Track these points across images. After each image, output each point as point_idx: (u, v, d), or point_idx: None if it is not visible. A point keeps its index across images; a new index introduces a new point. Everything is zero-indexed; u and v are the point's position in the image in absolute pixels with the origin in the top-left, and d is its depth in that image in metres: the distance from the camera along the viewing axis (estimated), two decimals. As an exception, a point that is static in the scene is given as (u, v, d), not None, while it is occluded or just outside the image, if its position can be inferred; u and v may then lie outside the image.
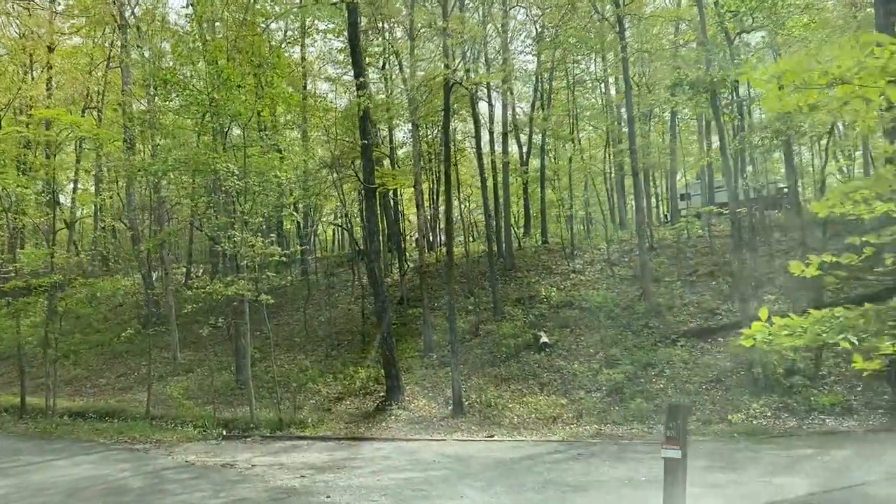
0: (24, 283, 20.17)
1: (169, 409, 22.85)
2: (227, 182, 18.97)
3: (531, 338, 24.77)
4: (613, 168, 37.67)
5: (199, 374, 27.24)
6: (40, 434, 18.58)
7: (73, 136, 21.05)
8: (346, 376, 24.87)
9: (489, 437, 16.94)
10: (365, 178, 21.20)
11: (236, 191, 19.18)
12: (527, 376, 22.44)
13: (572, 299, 27.41)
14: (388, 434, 17.85)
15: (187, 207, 27.02)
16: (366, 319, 28.54)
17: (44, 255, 20.63)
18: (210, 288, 18.49)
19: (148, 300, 28.36)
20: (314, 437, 17.43)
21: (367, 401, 22.56)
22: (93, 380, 27.86)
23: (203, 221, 34.06)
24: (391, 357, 21.23)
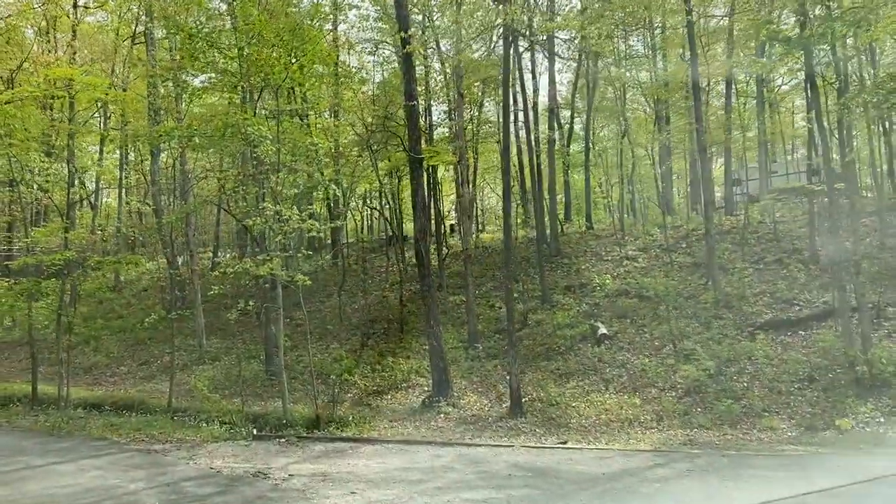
0: (36, 260, 17.61)
1: (193, 402, 20.26)
2: (259, 148, 16.25)
3: (588, 329, 21.94)
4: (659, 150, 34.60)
5: (225, 363, 24.65)
6: (49, 429, 16.00)
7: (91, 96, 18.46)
8: (384, 368, 22.16)
9: (561, 443, 14.09)
10: (410, 146, 18.41)
11: (269, 159, 16.45)
12: (587, 371, 19.62)
13: (628, 287, 24.50)
14: (442, 436, 15.06)
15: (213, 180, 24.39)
16: (403, 306, 25.79)
17: (58, 229, 18.01)
18: (240, 268, 15.76)
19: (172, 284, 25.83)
20: (358, 439, 14.65)
21: (411, 395, 19.83)
22: (113, 367, 25.35)
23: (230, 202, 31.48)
24: (439, 348, 18.46)
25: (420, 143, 18.66)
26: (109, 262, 19.46)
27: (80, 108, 22.38)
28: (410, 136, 18.52)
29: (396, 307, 26.93)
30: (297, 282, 16.37)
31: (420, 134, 19.05)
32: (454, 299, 26.35)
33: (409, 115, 18.18)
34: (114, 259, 20.81)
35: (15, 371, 25.87)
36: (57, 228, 17.98)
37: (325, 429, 15.79)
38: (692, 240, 27.84)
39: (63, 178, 21.02)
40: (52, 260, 17.38)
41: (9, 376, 25.06)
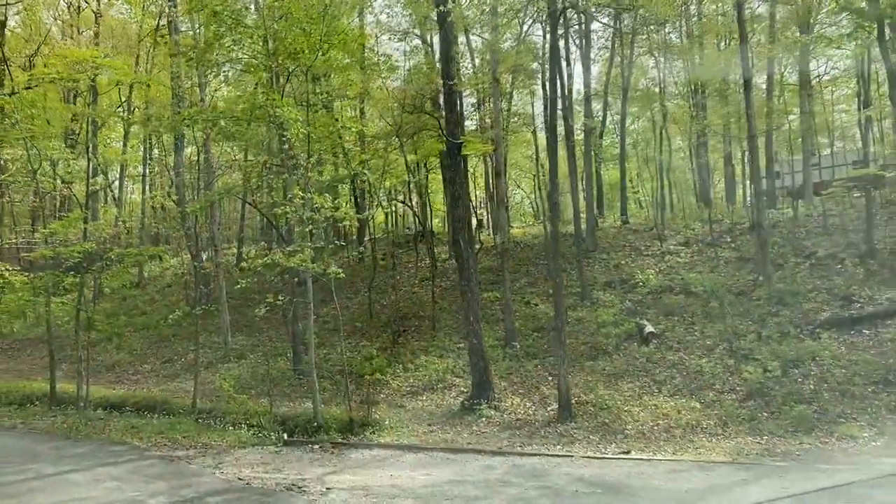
0: (54, 252, 16.36)
1: (218, 402, 18.94)
2: (289, 131, 14.87)
3: (633, 327, 20.38)
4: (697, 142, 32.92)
5: (251, 362, 23.34)
6: (66, 432, 14.71)
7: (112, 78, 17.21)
8: (417, 367, 20.73)
9: (623, 452, 12.55)
10: (448, 130, 16.94)
11: (299, 143, 15.06)
12: (636, 372, 18.06)
13: (672, 283, 22.90)
14: (489, 443, 13.57)
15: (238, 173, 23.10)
16: (435, 303, 24.34)
17: (77, 219, 16.73)
18: (268, 259, 14.38)
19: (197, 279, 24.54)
20: (398, 446, 13.18)
21: (447, 397, 18.37)
22: (136, 365, 24.12)
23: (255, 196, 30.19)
24: (479, 346, 16.98)
25: (458, 127, 17.21)
26: (131, 255, 18.18)
27: (102, 93, 20.97)
28: (448, 120, 17.07)
29: (427, 304, 25.49)
30: (330, 275, 14.95)
31: (459, 118, 17.57)
32: (487, 296, 24.80)
33: (447, 97, 16.74)
34: (136, 251, 19.53)
35: (36, 369, 24.74)
36: (76, 219, 16.69)
37: (361, 433, 14.35)
38: (736, 233, 26.18)
39: (84, 170, 19.75)
40: (70, 252, 16.12)
41: (30, 374, 23.92)
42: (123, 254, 17.80)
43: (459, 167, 17.19)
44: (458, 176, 17.02)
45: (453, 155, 16.98)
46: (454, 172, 16.92)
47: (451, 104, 16.76)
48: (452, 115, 16.90)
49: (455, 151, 16.97)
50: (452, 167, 16.90)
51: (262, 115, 15.48)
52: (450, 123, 16.96)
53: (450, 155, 17.07)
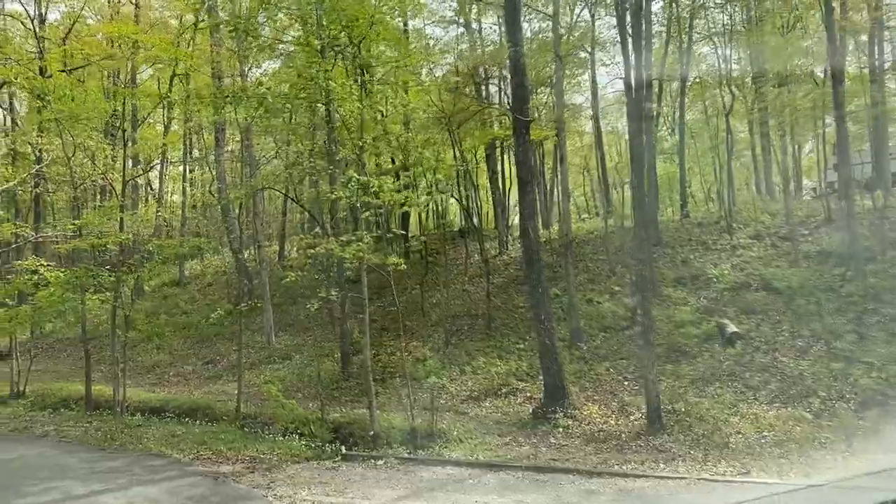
0: (88, 244, 14.73)
1: (263, 406, 17.17)
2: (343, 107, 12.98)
3: (714, 326, 18.16)
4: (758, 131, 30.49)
5: (297, 363, 21.55)
6: (101, 441, 12.97)
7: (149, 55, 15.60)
8: (475, 369, 18.74)
9: (742, 473, 10.39)
10: (516, 106, 14.93)
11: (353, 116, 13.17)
12: (723, 376, 15.85)
13: (749, 280, 20.59)
14: (575, 459, 11.49)
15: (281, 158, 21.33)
16: (490, 300, 22.30)
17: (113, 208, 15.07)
18: (322, 248, 12.49)
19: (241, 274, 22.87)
20: (473, 463, 11.15)
21: (513, 403, 16.31)
22: (177, 366, 22.47)
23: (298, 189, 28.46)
24: (552, 347, 14.89)
25: (527, 102, 15.19)
26: (171, 247, 16.43)
27: (142, 91, 19.38)
28: (515, 95, 15.04)
29: (480, 302, 23.48)
30: (389, 265, 13.02)
31: (527, 92, 15.52)
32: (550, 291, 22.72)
33: (514, 69, 14.70)
34: (176, 242, 17.81)
35: (75, 370, 23.22)
36: (112, 207, 15.03)
37: (428, 447, 12.37)
38: (812, 226, 23.74)
39: (122, 158, 18.09)
40: (104, 243, 14.47)
41: (69, 375, 22.40)
42: (162, 245, 16.09)
43: (528, 148, 15.15)
44: (528, 157, 14.99)
45: (521, 134, 14.94)
46: (523, 154, 14.87)
47: (519, 77, 14.72)
48: (520, 88, 14.86)
49: (523, 130, 14.93)
50: (521, 147, 14.85)
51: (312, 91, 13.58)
52: (516, 98, 14.94)
53: (517, 134, 15.03)
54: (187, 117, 27.96)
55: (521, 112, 14.88)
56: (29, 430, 13.90)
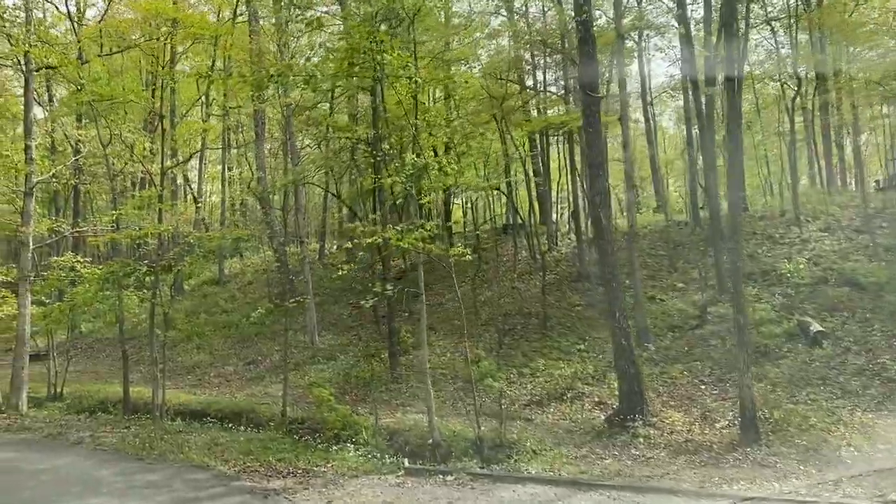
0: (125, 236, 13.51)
1: (309, 410, 15.80)
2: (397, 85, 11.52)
3: (795, 325, 16.37)
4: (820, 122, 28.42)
5: (342, 363, 20.13)
6: (139, 449, 11.64)
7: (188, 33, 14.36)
8: (534, 372, 17.15)
9: (879, 497, 8.65)
10: (584, 81, 13.33)
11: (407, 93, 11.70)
12: (814, 380, 14.12)
13: (827, 275, 18.71)
14: (671, 475, 9.83)
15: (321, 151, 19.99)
16: (545, 298, 20.67)
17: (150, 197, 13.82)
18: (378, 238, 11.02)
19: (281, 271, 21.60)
20: (558, 481, 9.52)
21: (582, 409, 14.67)
22: (218, 367, 21.22)
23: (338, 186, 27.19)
24: (628, 348, 13.22)
25: (597, 77, 13.58)
26: (211, 239, 15.16)
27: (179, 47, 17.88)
28: (583, 72, 13.43)
29: (531, 299, 21.91)
30: (452, 256, 11.51)
31: (596, 66, 13.90)
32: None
33: (582, 38, 13.08)
34: (217, 234, 16.54)
35: (113, 370, 22.09)
36: (149, 196, 13.78)
37: (500, 460, 10.80)
38: (889, 218, 21.74)
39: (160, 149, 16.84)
40: (143, 235, 13.23)
41: (107, 376, 21.28)
42: (203, 237, 14.82)
43: (599, 128, 13.53)
44: (599, 138, 13.38)
45: (591, 113, 13.32)
46: (594, 134, 13.25)
47: (588, 47, 13.08)
48: (589, 61, 13.23)
49: (593, 108, 13.32)
50: (591, 128, 13.22)
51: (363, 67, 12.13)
52: (586, 73, 13.32)
53: (587, 113, 13.40)
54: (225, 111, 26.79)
55: (590, 88, 13.28)
56: (63, 437, 12.69)
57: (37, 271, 17.35)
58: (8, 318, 17.34)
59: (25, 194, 15.11)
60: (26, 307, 15.08)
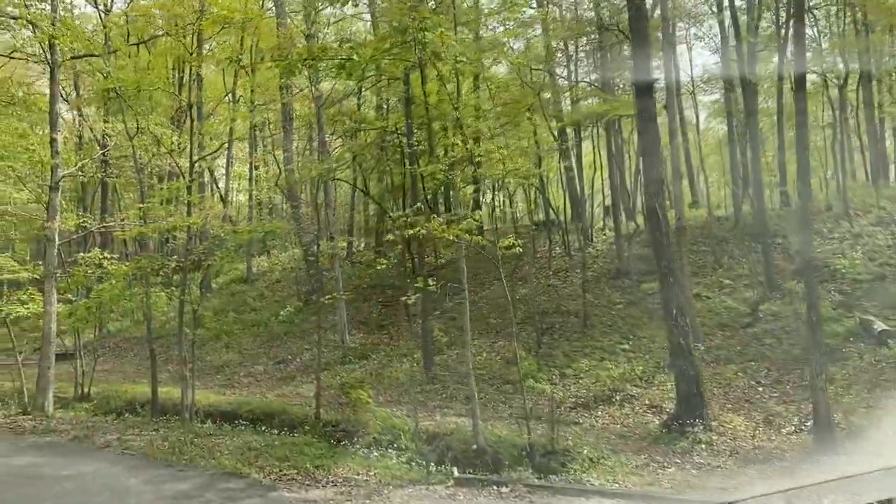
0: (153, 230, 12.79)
1: (343, 411, 14.97)
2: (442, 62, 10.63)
3: (857, 324, 15.24)
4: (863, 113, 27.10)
5: (374, 363, 19.31)
6: (168, 454, 10.87)
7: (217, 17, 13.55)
8: (577, 373, 16.15)
9: None
10: (637, 62, 12.35)
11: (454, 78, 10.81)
12: (884, 383, 12.97)
13: (885, 271, 17.53)
14: (747, 487, 8.83)
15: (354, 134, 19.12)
16: (585, 294, 19.65)
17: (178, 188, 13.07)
18: (420, 230, 10.11)
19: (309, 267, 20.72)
20: (627, 495, 8.50)
21: (633, 413, 13.67)
22: (247, 366, 20.48)
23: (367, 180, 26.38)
24: (687, 348, 12.21)
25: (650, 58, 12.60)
26: (243, 232, 14.39)
27: (207, 32, 17.04)
28: (636, 49, 12.43)
29: (568, 297, 20.94)
30: (499, 248, 10.58)
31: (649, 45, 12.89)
32: (647, 286, 20.00)
33: (634, 16, 12.10)
34: (248, 228, 15.75)
35: (142, 370, 21.45)
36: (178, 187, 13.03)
37: (556, 469, 9.86)
38: (946, 211, 20.47)
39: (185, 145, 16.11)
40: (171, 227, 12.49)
41: (134, 376, 20.64)
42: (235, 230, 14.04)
43: (653, 112, 12.54)
44: (653, 124, 12.34)
45: (645, 97, 12.35)
46: (647, 119, 12.24)
47: (641, 24, 12.11)
48: (642, 43, 12.25)
49: (647, 91, 12.34)
50: (645, 113, 12.22)
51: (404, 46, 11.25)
52: (639, 53, 12.33)
53: (640, 97, 12.44)
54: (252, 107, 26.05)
55: (643, 70, 12.29)
56: (90, 440, 11.96)
57: (63, 268, 16.72)
58: (35, 316, 16.80)
59: (51, 188, 14.46)
60: (52, 305, 14.41)
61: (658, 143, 12.64)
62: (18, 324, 25.68)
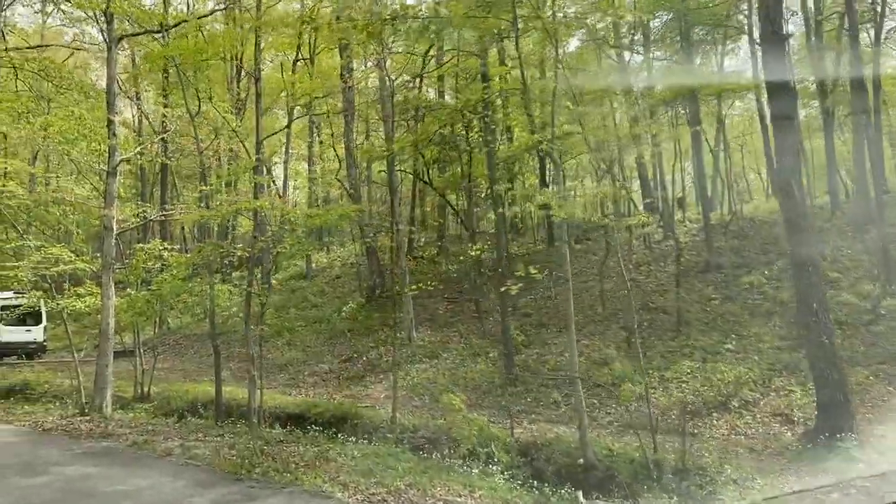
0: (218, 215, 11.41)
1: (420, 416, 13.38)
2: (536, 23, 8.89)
3: None
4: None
5: (447, 362, 17.68)
6: (237, 465, 9.37)
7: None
8: (680, 376, 14.17)
9: None
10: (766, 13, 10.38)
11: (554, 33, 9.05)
12: None
13: None
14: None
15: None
16: (679, 290, 17.61)
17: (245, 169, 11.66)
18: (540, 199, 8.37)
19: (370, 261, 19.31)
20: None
21: (755, 421, 11.70)
22: (311, 365, 19.09)
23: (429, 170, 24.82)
24: (831, 349, 10.19)
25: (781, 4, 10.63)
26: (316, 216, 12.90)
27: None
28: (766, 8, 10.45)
29: (654, 293, 18.94)
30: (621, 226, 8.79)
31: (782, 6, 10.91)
32: (747, 280, 17.87)
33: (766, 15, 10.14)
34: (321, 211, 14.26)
35: (202, 368, 20.32)
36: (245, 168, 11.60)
37: (693, 492, 8.02)
38: None
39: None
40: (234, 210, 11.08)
41: (195, 374, 19.46)
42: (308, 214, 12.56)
43: (784, 66, 10.52)
44: (785, 85, 10.33)
45: (775, 54, 10.36)
46: (781, 80, 10.25)
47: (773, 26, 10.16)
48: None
49: (778, 49, 10.36)
50: (779, 73, 10.23)
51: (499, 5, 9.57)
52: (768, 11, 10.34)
53: (770, 54, 10.45)
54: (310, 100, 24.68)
55: (774, 24, 10.30)
56: (149, 446, 10.60)
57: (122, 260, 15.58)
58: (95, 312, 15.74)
59: (108, 173, 13.24)
60: (110, 298, 13.17)
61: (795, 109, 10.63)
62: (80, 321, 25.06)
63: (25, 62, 15.72)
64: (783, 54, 10.59)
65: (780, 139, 10.45)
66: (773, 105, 10.63)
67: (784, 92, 10.21)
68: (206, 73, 13.19)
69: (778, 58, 10.43)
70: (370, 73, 18.52)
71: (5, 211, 13.87)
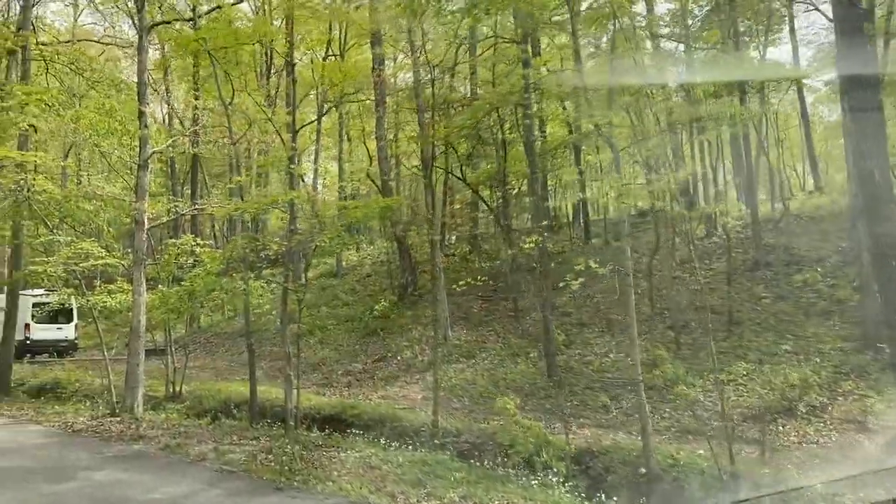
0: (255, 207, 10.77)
1: (462, 419, 12.67)
2: None
3: None
4: None
5: (484, 362, 16.91)
6: (276, 472, 8.63)
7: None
8: (736, 378, 13.24)
9: None
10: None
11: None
12: None
13: None
14: None
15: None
16: (730, 288, 16.64)
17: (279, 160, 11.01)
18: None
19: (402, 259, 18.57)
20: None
21: (826, 429, 10.76)
22: (344, 364, 18.43)
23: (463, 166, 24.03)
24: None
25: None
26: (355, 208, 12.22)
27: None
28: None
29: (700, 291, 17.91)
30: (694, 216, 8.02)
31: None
32: (800, 279, 16.84)
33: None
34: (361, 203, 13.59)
35: (235, 366, 19.81)
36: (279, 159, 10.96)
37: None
38: None
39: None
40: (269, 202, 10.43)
41: (227, 373, 18.96)
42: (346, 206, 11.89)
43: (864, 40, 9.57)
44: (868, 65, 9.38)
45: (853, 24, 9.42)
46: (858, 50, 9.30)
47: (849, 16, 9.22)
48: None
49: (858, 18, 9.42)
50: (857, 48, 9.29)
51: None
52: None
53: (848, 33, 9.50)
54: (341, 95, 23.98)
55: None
56: (182, 450, 9.98)
57: (153, 256, 15.06)
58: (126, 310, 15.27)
59: (139, 166, 12.73)
60: (141, 294, 12.62)
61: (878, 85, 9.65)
62: (111, 318, 24.71)
63: (56, 55, 15.32)
64: (860, 27, 9.61)
65: (859, 120, 9.50)
66: (850, 84, 9.66)
67: (862, 64, 9.27)
68: (238, 65, 12.60)
69: (854, 31, 9.47)
70: (403, 66, 17.79)
71: (35, 206, 13.39)
